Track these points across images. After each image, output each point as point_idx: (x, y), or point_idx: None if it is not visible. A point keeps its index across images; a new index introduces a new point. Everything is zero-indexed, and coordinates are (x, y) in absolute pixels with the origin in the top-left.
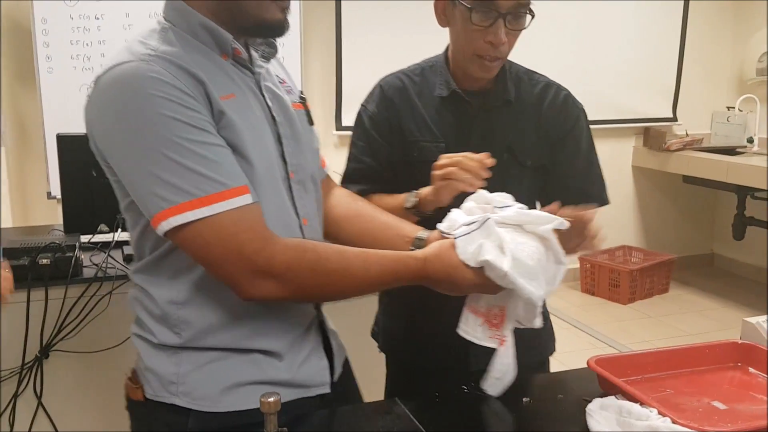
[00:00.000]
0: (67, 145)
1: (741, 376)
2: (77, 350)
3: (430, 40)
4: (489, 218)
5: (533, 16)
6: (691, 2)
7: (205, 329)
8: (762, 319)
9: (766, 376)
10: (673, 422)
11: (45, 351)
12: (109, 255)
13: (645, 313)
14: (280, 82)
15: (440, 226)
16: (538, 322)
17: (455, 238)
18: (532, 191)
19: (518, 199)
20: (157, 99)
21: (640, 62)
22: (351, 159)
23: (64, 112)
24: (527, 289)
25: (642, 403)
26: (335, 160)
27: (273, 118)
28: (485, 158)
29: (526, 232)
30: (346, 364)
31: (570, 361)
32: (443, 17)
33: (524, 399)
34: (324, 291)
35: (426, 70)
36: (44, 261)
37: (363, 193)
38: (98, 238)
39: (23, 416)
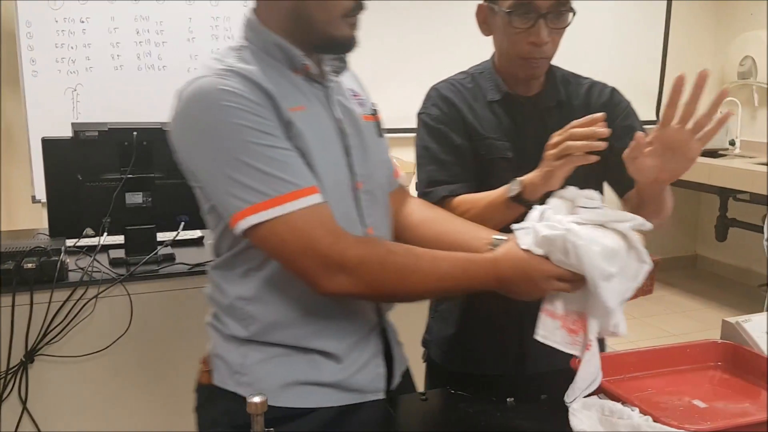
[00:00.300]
0: (52, 148)
1: (721, 375)
2: (63, 355)
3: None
4: (547, 211)
5: (574, 14)
6: (673, 6)
7: (270, 325)
8: (741, 319)
9: (745, 375)
10: (655, 420)
11: (30, 356)
12: (94, 259)
13: (630, 314)
14: (354, 95)
15: (515, 226)
16: (622, 328)
17: (515, 230)
18: (592, 184)
19: None
20: (230, 109)
21: (623, 65)
22: (426, 164)
23: (49, 115)
24: (600, 267)
25: (624, 402)
26: None
27: (342, 130)
28: (597, 120)
29: (607, 229)
30: (407, 374)
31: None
32: (485, 26)
33: (508, 399)
34: (396, 287)
35: (476, 76)
36: (29, 265)
37: (453, 194)
38: (84, 242)
39: (8, 421)
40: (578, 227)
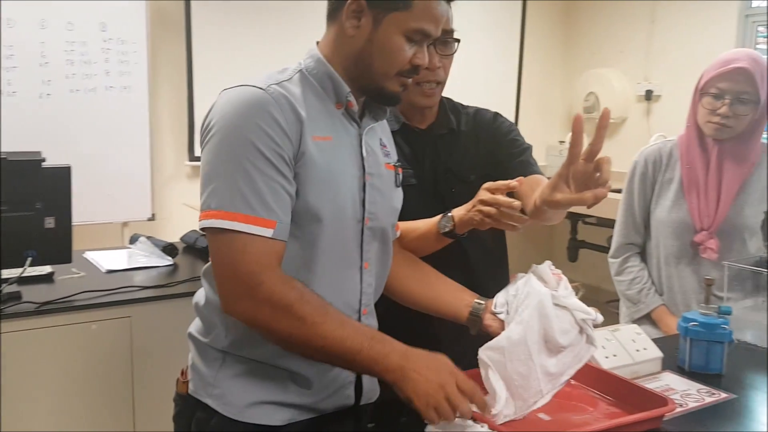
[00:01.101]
0: None
1: (565, 389)
2: None
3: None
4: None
5: (458, 42)
6: (525, 44)
7: (247, 339)
8: None
9: (588, 388)
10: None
11: None
12: None
13: None
14: (382, 146)
15: (497, 302)
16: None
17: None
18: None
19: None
20: (255, 126)
21: (481, 99)
22: None
23: None
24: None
25: (476, 420)
26: (188, 192)
27: (364, 168)
28: (510, 186)
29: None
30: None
31: None
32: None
33: (369, 425)
34: (292, 333)
35: None
36: None
37: None
38: None
39: None
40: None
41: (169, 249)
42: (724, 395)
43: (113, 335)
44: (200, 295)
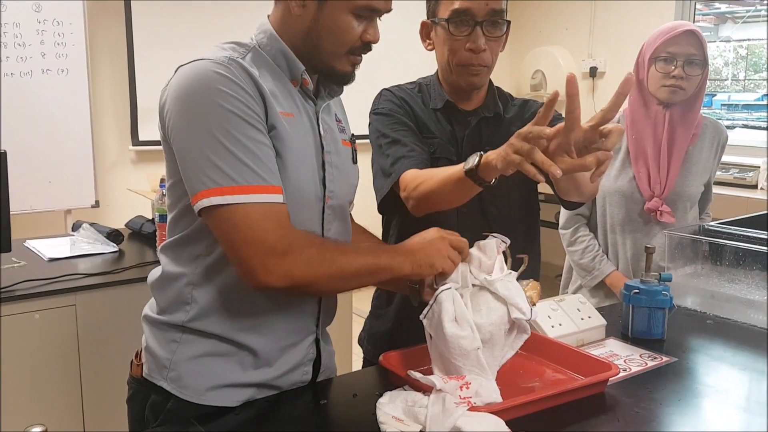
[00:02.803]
0: None
1: (515, 360)
2: None
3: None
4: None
5: (509, 24)
6: None
7: (208, 312)
8: None
9: (534, 356)
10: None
11: None
12: None
13: None
14: (337, 121)
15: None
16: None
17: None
18: (525, 188)
19: (512, 199)
20: (221, 93)
21: None
22: (387, 148)
23: None
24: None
25: (425, 392)
26: (133, 177)
27: (322, 146)
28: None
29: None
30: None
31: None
32: (428, 40)
33: (321, 401)
34: (330, 267)
35: (422, 86)
36: None
37: (414, 168)
38: None
39: None
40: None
41: (113, 235)
42: (665, 359)
43: (58, 324)
44: (157, 273)
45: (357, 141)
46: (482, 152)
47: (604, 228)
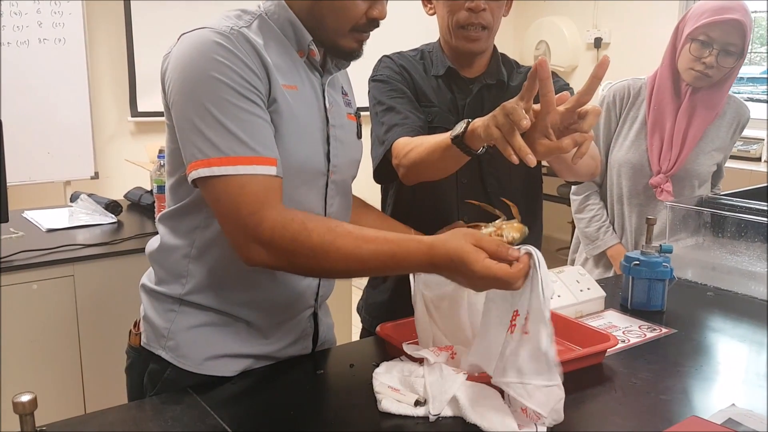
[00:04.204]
0: None
1: None
2: None
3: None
4: None
5: None
6: None
7: (206, 285)
8: None
9: None
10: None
11: None
12: None
13: None
14: (343, 94)
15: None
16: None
17: None
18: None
19: (513, 171)
20: (218, 63)
21: None
22: (382, 115)
23: None
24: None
25: (422, 363)
26: (132, 148)
27: (327, 119)
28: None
29: None
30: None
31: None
32: (429, 5)
33: (318, 371)
34: (310, 264)
35: (425, 53)
36: None
37: (407, 135)
38: None
39: None
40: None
41: (112, 206)
42: (665, 330)
43: (56, 295)
44: (155, 243)
45: (361, 113)
46: (469, 120)
47: (612, 198)
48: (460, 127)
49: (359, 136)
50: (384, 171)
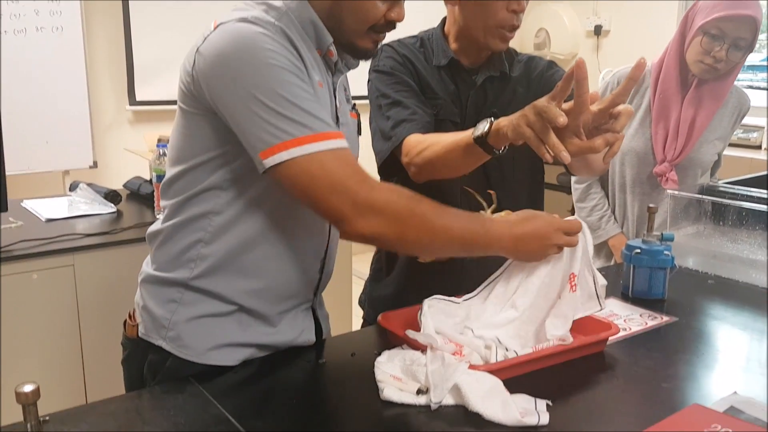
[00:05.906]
0: None
1: None
2: None
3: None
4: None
5: None
6: None
7: (215, 270)
8: None
9: None
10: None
11: None
12: None
13: None
14: (344, 90)
15: None
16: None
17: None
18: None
19: (515, 160)
20: (270, 52)
21: None
22: (387, 109)
23: None
24: None
25: (424, 351)
26: (130, 137)
27: (337, 118)
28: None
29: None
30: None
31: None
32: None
33: (320, 360)
34: (421, 233)
35: (424, 40)
36: None
37: (417, 132)
38: None
39: None
40: None
41: (111, 196)
42: (666, 318)
43: (56, 284)
44: (159, 228)
45: (356, 102)
46: (492, 118)
47: (614, 186)
48: (483, 127)
49: (359, 133)
50: (389, 166)
